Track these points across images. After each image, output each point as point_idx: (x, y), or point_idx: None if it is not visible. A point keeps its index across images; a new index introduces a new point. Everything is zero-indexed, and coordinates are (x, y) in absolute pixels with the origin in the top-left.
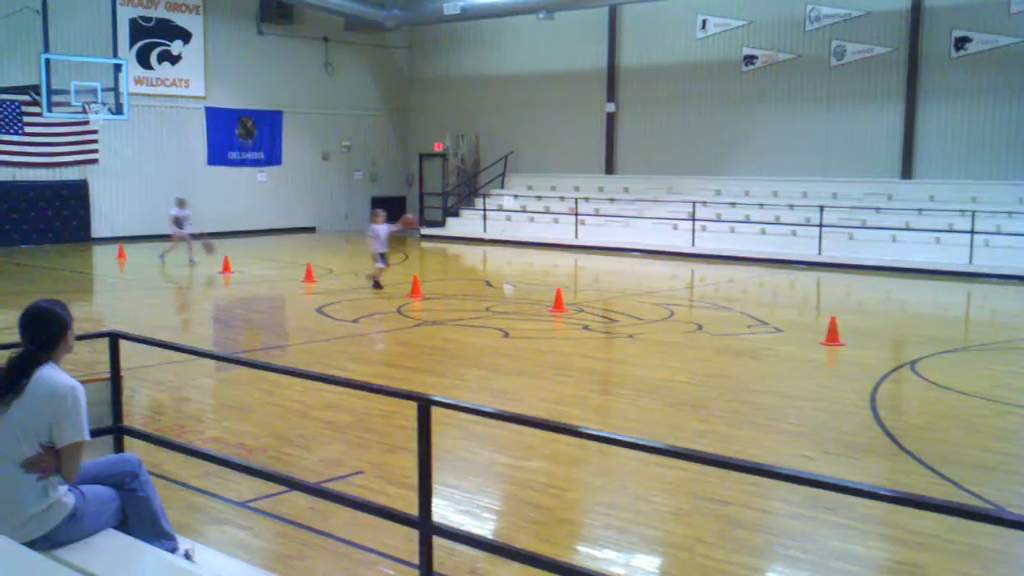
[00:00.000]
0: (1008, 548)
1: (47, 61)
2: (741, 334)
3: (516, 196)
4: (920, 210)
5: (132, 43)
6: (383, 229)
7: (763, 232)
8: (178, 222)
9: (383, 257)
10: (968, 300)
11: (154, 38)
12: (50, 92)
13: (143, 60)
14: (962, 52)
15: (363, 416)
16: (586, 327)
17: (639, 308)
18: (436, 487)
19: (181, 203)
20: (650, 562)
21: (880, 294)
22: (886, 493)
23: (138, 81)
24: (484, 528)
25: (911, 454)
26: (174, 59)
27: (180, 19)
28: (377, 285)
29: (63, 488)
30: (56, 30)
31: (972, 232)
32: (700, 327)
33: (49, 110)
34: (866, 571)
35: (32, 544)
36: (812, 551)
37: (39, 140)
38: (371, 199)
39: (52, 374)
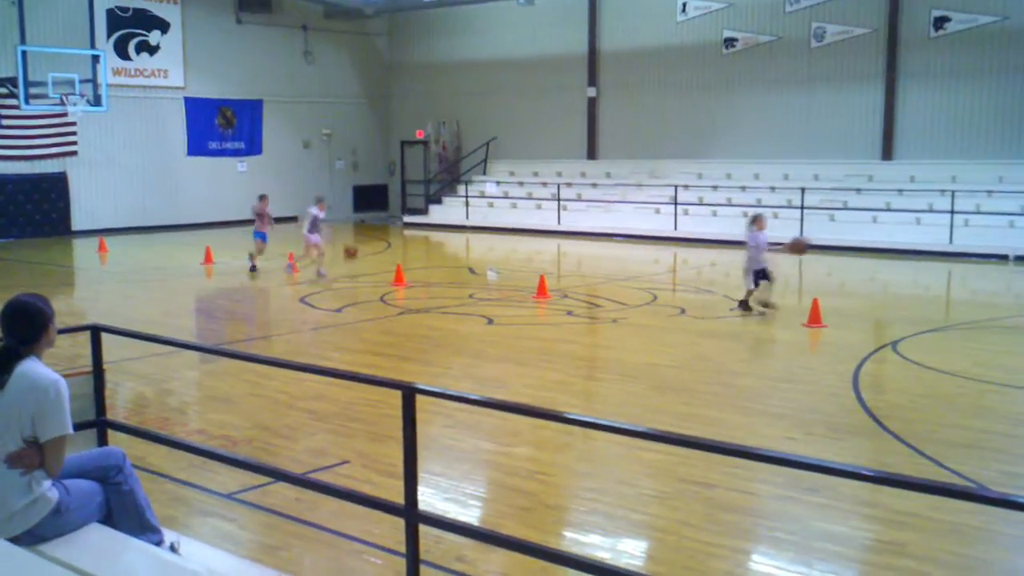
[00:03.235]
0: (989, 525)
1: (24, 53)
2: (724, 317)
3: (498, 182)
4: (900, 191)
5: (109, 34)
6: (763, 238)
7: (745, 215)
8: (315, 225)
9: (762, 274)
10: (948, 280)
11: (132, 28)
12: (27, 84)
13: (121, 51)
14: (941, 32)
15: (348, 405)
16: (570, 313)
17: (622, 293)
18: (422, 475)
19: (320, 202)
20: (636, 546)
21: (862, 275)
22: (868, 473)
23: (116, 72)
24: (470, 515)
25: (893, 434)
26: (152, 49)
27: (157, 9)
28: (745, 306)
29: (47, 483)
30: (32, 21)
31: (952, 212)
32: (683, 311)
33: (26, 102)
34: (849, 551)
35: (16, 540)
36: (796, 532)
37: (17, 133)
38: (352, 187)
39: (34, 368)
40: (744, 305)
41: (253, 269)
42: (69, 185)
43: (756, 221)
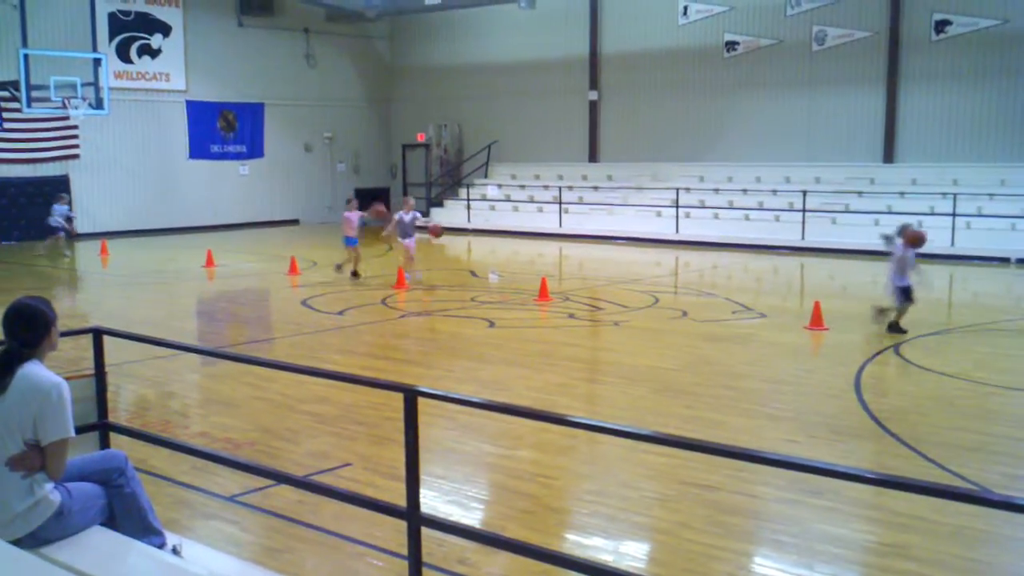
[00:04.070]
0: (991, 528)
1: (26, 56)
2: (726, 320)
3: (500, 185)
4: (902, 193)
5: (111, 37)
6: (911, 253)
7: (746, 218)
8: (404, 228)
9: (906, 293)
10: (950, 283)
11: (133, 32)
12: (29, 87)
13: (123, 54)
14: (942, 35)
15: (350, 408)
16: (572, 315)
17: (624, 296)
18: (424, 478)
19: (406, 203)
20: (638, 548)
21: (863, 278)
22: (870, 476)
23: (118, 75)
24: (473, 518)
25: (895, 436)
26: (154, 53)
27: (159, 12)
28: (896, 328)
29: (49, 486)
30: (34, 25)
31: (954, 215)
32: (685, 313)
33: (28, 105)
34: (852, 553)
35: (18, 542)
36: (798, 535)
37: (19, 136)
38: (353, 190)
39: (36, 371)
40: (895, 327)
41: (354, 275)
42: (71, 188)
43: (905, 233)
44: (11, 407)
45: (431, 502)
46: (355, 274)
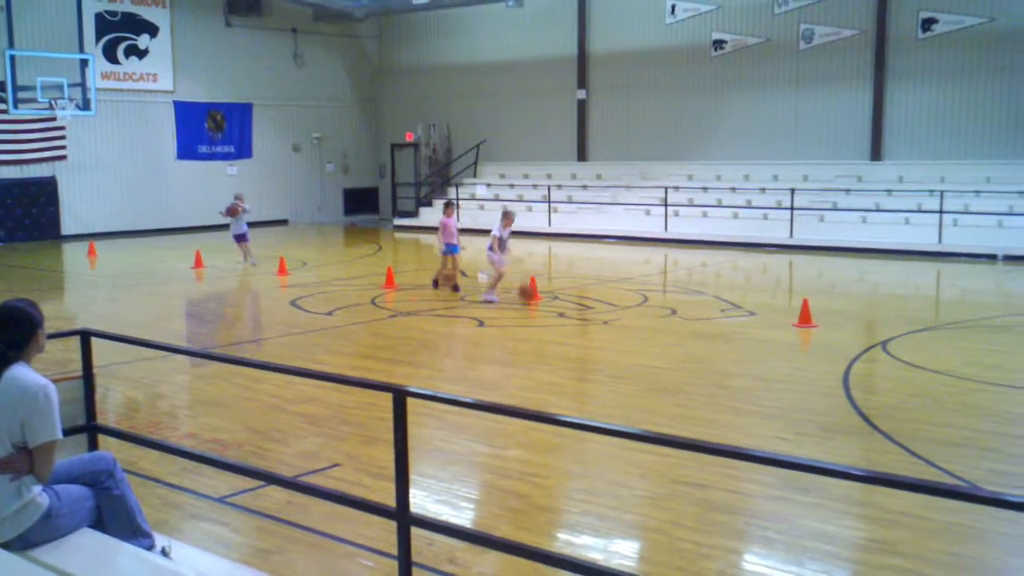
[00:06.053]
0: (980, 524)
1: (12, 57)
2: (715, 318)
3: (489, 185)
4: (889, 191)
5: (98, 38)
6: None
7: (735, 216)
8: (500, 245)
9: None
10: (938, 279)
11: (120, 32)
12: (15, 89)
13: (110, 55)
14: (929, 33)
15: (339, 409)
16: (561, 314)
17: (613, 294)
18: (414, 478)
19: (506, 218)
20: (628, 547)
21: (851, 275)
22: (859, 473)
23: (105, 76)
24: (462, 517)
25: (884, 433)
26: (141, 53)
27: (146, 13)
28: None
29: (37, 488)
30: (20, 25)
31: (940, 212)
32: (674, 312)
33: (15, 107)
34: (841, 550)
35: (7, 545)
36: (788, 532)
37: (5, 137)
38: (342, 190)
39: (23, 373)
40: None
41: (455, 288)
42: (58, 189)
43: None
44: None
45: (421, 502)
46: (455, 288)
